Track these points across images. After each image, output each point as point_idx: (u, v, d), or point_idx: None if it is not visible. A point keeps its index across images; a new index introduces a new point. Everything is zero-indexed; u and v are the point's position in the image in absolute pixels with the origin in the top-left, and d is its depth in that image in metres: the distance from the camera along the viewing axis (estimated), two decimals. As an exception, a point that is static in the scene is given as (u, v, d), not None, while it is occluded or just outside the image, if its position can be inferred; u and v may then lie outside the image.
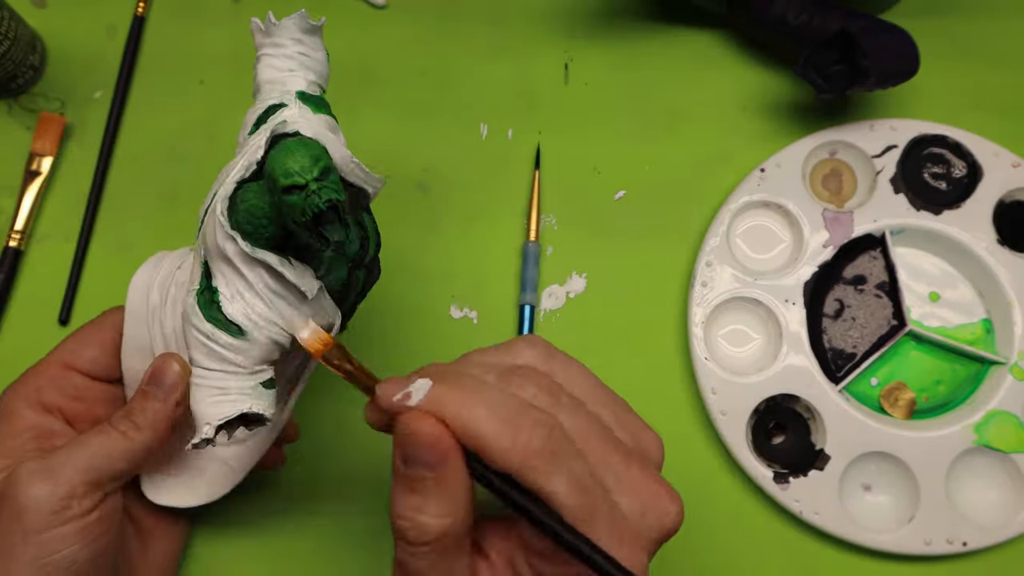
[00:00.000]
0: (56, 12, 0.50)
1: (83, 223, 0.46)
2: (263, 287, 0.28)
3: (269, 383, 0.30)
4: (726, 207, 0.45)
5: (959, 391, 0.44)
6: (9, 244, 0.45)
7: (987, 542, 0.41)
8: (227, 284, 0.28)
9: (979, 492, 0.42)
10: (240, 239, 0.27)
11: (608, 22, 0.50)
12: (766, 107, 0.49)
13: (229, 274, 0.28)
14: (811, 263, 0.44)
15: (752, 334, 0.45)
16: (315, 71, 0.31)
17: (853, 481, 0.42)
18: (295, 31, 0.31)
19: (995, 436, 0.42)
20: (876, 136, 0.46)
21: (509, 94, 0.49)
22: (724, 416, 0.42)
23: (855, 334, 0.45)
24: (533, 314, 0.45)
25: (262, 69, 0.31)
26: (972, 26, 0.50)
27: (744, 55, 0.50)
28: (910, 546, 0.41)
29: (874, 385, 0.44)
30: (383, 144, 0.48)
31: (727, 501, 0.43)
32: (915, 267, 0.45)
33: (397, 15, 0.50)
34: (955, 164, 0.46)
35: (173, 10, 0.50)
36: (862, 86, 0.42)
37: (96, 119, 0.48)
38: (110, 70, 0.48)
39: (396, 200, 0.47)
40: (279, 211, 0.27)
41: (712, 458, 0.44)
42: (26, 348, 0.38)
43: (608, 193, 0.47)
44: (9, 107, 0.48)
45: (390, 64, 0.49)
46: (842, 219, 0.45)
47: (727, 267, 0.44)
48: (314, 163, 0.25)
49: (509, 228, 0.47)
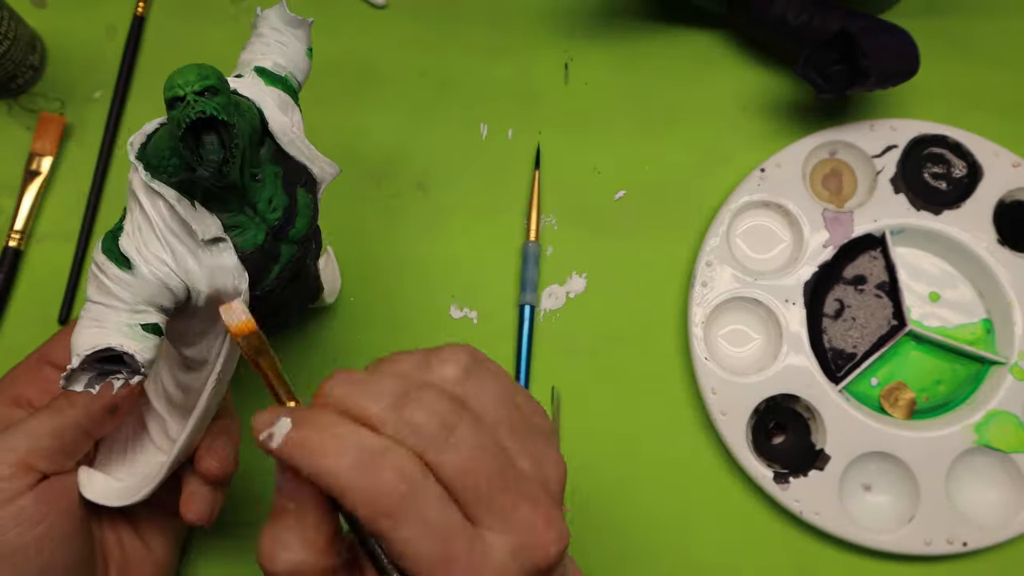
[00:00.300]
0: (56, 12, 0.50)
1: (83, 223, 0.46)
2: (159, 222, 0.28)
3: (152, 328, 0.28)
4: (726, 207, 0.45)
5: (959, 391, 0.44)
6: (9, 244, 0.45)
7: (987, 542, 0.41)
8: (131, 220, 0.28)
9: (979, 492, 0.42)
10: (141, 169, 0.28)
11: (608, 22, 0.50)
12: (766, 107, 0.49)
13: (134, 209, 0.28)
14: (811, 263, 0.44)
15: (752, 334, 0.45)
16: (285, 57, 0.32)
17: (853, 481, 0.42)
18: (275, 21, 0.33)
19: (995, 436, 0.42)
20: (876, 136, 0.46)
21: (509, 94, 0.49)
22: (724, 416, 0.42)
23: (855, 334, 0.45)
24: (533, 314, 0.45)
25: (241, 54, 0.33)
26: (972, 26, 0.50)
27: (744, 55, 0.50)
28: (910, 546, 0.41)
29: (874, 385, 0.44)
30: (383, 144, 0.48)
31: (727, 501, 0.43)
32: (915, 267, 0.45)
33: (397, 15, 0.50)
34: (955, 164, 0.46)
35: (173, 10, 0.50)
36: (862, 86, 0.42)
37: (96, 119, 0.48)
38: (110, 70, 0.48)
39: (396, 200, 0.47)
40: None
41: (712, 458, 0.44)
42: (26, 348, 0.37)
43: (608, 193, 0.47)
44: (9, 107, 0.48)
45: (390, 64, 0.49)
46: (842, 219, 0.45)
47: (727, 267, 0.44)
48: (199, 79, 0.25)
49: (509, 228, 0.47)
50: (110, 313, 0.28)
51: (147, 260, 0.28)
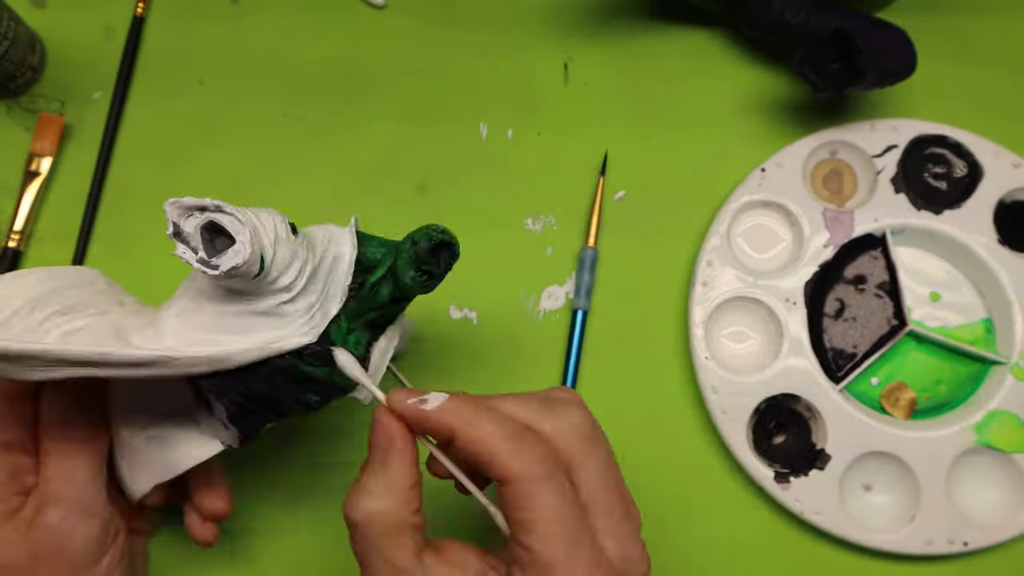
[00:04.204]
0: (56, 12, 0.50)
1: (82, 223, 0.46)
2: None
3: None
4: (727, 207, 0.45)
5: (960, 391, 0.44)
6: (8, 244, 0.45)
7: (988, 542, 0.41)
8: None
9: (980, 492, 0.42)
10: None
11: (607, 22, 0.50)
12: (766, 106, 0.49)
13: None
14: (812, 263, 0.44)
15: (753, 333, 0.45)
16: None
17: (854, 481, 0.42)
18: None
19: (996, 436, 0.42)
20: (877, 136, 0.46)
21: (509, 94, 0.49)
22: (725, 415, 0.42)
23: (856, 334, 0.45)
24: (585, 319, 0.45)
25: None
26: (973, 25, 0.50)
27: (744, 55, 0.50)
28: (911, 546, 0.41)
29: (875, 385, 0.44)
30: (383, 144, 0.48)
31: (727, 501, 0.43)
32: (916, 267, 0.45)
33: (397, 15, 0.50)
34: (956, 164, 0.46)
35: (173, 10, 0.50)
36: (860, 85, 0.42)
37: (95, 119, 0.48)
38: (109, 70, 0.48)
39: (396, 200, 0.47)
40: None
41: (712, 458, 0.43)
42: (25, 348, 0.37)
43: (608, 193, 0.47)
44: (8, 107, 0.48)
45: (390, 64, 0.49)
46: (843, 219, 0.45)
47: (728, 267, 0.44)
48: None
49: (508, 228, 0.47)
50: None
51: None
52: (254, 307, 0.29)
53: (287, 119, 0.48)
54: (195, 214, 0.27)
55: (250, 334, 0.29)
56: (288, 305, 0.29)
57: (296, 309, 0.30)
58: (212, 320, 0.29)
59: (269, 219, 0.29)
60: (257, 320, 0.29)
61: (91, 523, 0.32)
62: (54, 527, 0.31)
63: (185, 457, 0.32)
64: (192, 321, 0.29)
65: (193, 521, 0.36)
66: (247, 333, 0.29)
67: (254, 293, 0.29)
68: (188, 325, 0.29)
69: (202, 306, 0.29)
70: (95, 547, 0.32)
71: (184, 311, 0.29)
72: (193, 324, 0.29)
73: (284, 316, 0.29)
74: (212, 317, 0.29)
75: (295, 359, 0.30)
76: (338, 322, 0.31)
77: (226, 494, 0.37)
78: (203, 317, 0.29)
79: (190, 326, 0.29)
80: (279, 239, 0.28)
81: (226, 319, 0.29)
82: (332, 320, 0.31)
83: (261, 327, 0.29)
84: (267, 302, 0.29)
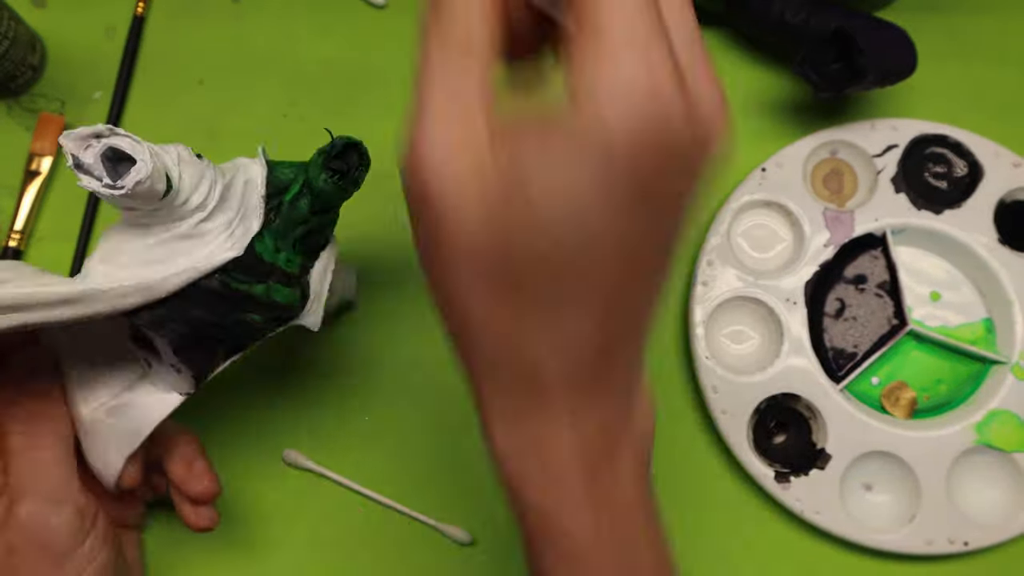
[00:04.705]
0: (56, 12, 0.50)
1: (83, 223, 0.46)
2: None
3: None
4: (727, 206, 0.45)
5: (960, 390, 0.44)
6: (9, 244, 0.45)
7: (989, 541, 0.41)
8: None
9: (980, 491, 0.42)
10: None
11: (608, 22, 0.50)
12: (767, 106, 0.48)
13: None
14: (812, 262, 0.44)
15: (753, 333, 0.45)
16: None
17: (854, 481, 0.42)
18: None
19: (996, 435, 0.42)
20: (877, 135, 0.46)
21: (509, 94, 0.49)
22: (725, 415, 0.42)
23: (856, 333, 0.45)
24: None
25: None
26: (973, 24, 0.50)
27: (744, 54, 0.49)
28: (911, 546, 0.41)
29: (875, 384, 0.44)
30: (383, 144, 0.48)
31: (727, 501, 0.43)
32: (916, 267, 0.45)
33: (397, 15, 0.50)
34: (956, 164, 0.46)
35: (173, 10, 0.50)
36: (860, 84, 0.42)
37: (96, 119, 0.47)
38: (110, 70, 0.48)
39: (396, 200, 0.47)
40: None
41: (713, 457, 0.43)
42: (26, 348, 0.37)
43: (608, 193, 0.47)
44: (9, 107, 0.48)
45: (390, 64, 0.49)
46: (843, 218, 0.45)
47: (728, 266, 0.44)
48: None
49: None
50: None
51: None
52: (174, 231, 0.29)
53: (287, 119, 0.48)
54: (93, 143, 0.27)
55: (175, 259, 0.29)
56: (207, 223, 0.30)
57: (215, 226, 0.30)
58: (136, 257, 0.29)
59: (171, 147, 0.29)
60: (180, 244, 0.29)
61: (63, 510, 0.32)
62: (25, 520, 0.32)
63: (147, 418, 0.33)
64: (117, 261, 0.29)
65: (186, 510, 0.36)
66: (172, 259, 0.29)
67: (171, 219, 0.29)
68: (113, 265, 0.29)
69: (123, 247, 0.29)
70: (72, 533, 0.32)
71: (107, 255, 0.29)
72: (118, 264, 0.29)
73: (205, 235, 0.30)
74: (136, 254, 0.29)
75: (224, 276, 0.30)
76: (262, 238, 0.31)
77: (208, 473, 0.36)
78: (127, 257, 0.29)
79: (115, 265, 0.29)
80: (182, 160, 0.29)
81: (150, 251, 0.29)
82: (256, 237, 0.31)
83: (185, 250, 0.30)
84: (186, 224, 0.29)
